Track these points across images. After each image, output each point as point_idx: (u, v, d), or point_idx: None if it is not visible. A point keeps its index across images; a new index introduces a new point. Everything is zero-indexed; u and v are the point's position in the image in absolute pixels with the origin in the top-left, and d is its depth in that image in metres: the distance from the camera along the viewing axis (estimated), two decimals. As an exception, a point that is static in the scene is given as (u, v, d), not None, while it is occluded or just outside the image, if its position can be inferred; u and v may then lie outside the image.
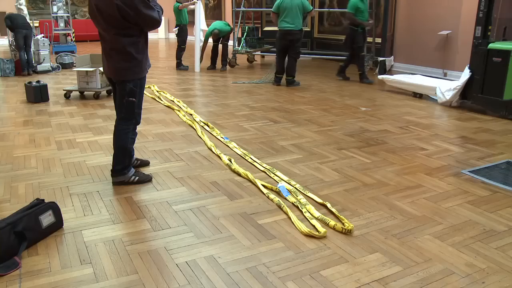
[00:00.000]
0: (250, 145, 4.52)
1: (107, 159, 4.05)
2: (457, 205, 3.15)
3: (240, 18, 10.97)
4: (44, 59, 9.68)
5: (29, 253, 2.52)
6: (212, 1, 18.01)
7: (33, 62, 9.50)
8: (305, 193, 3.31)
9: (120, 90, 3.36)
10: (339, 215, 2.93)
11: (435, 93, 6.55)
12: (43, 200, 2.83)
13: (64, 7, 13.33)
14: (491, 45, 5.82)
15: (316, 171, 3.78)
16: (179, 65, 9.99)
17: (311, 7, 7.89)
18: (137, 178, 3.53)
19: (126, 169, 3.49)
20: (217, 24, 9.64)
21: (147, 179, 3.56)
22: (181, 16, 9.78)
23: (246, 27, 11.02)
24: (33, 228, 2.60)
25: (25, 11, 10.87)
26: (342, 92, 7.35)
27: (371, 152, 4.28)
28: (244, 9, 11.14)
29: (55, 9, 13.14)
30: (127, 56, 3.26)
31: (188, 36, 9.94)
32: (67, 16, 13.34)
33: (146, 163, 3.96)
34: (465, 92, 6.19)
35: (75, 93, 7.07)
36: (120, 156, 3.47)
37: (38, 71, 9.52)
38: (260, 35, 11.70)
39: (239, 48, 10.64)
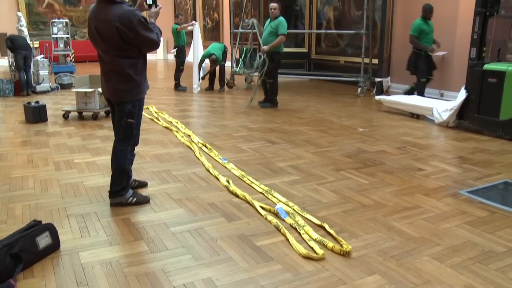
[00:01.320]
0: (248, 166, 4.52)
1: (105, 180, 4.04)
2: (456, 226, 3.14)
3: (238, 40, 11.07)
4: (43, 80, 9.74)
5: (25, 276, 2.50)
6: (210, 23, 18.19)
7: (32, 82, 9.55)
8: (303, 214, 3.30)
9: (119, 111, 3.38)
10: (337, 236, 2.92)
11: (432, 114, 6.59)
12: (40, 221, 2.82)
13: (64, 29, 13.44)
14: (486, 66, 5.88)
15: (314, 193, 3.78)
16: (178, 86, 10.04)
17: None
18: (135, 199, 3.52)
19: (124, 190, 3.49)
20: (215, 47, 9.69)
21: (145, 201, 3.56)
22: (180, 37, 9.88)
23: (244, 48, 11.12)
24: (29, 250, 2.59)
25: (26, 32, 10.98)
26: (339, 113, 7.38)
27: (369, 173, 4.29)
28: (242, 30, 11.24)
29: (55, 30, 13.26)
30: (126, 78, 3.29)
31: (187, 57, 10.03)
32: (67, 37, 13.45)
33: (144, 184, 3.95)
34: (462, 112, 6.23)
35: (74, 114, 7.09)
36: (118, 177, 3.47)
37: (37, 91, 9.57)
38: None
39: (237, 69, 10.71)
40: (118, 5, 3.17)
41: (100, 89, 6.77)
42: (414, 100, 7.18)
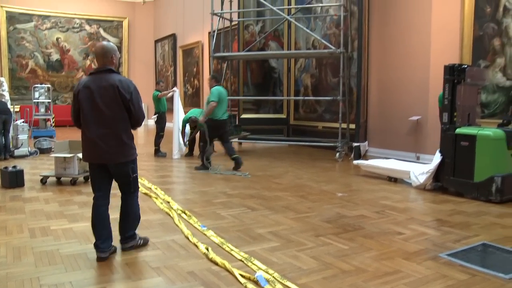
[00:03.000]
0: (227, 233, 4.48)
1: (82, 247, 3.95)
2: (436, 291, 3.13)
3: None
4: (22, 144, 9.69)
5: None
6: (190, 89, 18.56)
7: (11, 146, 9.48)
8: (283, 282, 3.25)
9: (124, 171, 3.80)
10: (318, 303, 2.87)
11: (409, 177, 6.70)
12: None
13: (46, 93, 13.57)
14: (458, 130, 6.10)
15: (294, 259, 3.74)
16: (157, 152, 10.07)
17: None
18: (141, 241, 4.02)
19: (136, 234, 3.99)
20: (194, 112, 9.88)
21: (147, 241, 4.09)
22: (160, 104, 10.04)
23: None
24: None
25: (7, 97, 11.05)
26: (318, 178, 7.45)
27: (349, 238, 4.28)
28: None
29: (36, 95, 13.39)
30: (128, 140, 3.77)
31: (167, 123, 10.15)
32: (48, 102, 13.54)
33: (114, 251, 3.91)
34: (438, 175, 6.35)
35: (52, 179, 7.02)
36: (136, 223, 3.99)
37: (15, 155, 9.49)
38: (237, 123, 11.98)
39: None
40: (116, 74, 3.73)
41: (79, 155, 6.77)
42: (392, 164, 7.31)
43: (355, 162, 7.96)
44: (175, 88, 10.14)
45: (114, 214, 3.91)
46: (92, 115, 3.63)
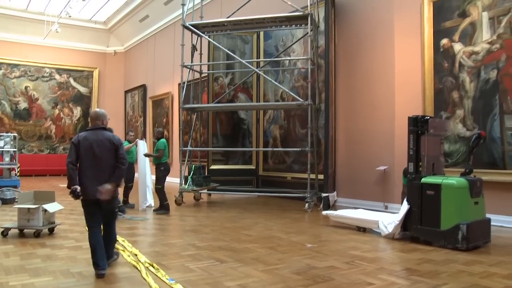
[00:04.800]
0: (196, 286, 4.38)
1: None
2: None
3: (187, 157, 11.25)
4: (-19, 195, 9.37)
5: None
6: (160, 140, 18.48)
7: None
8: (253, 335, 3.18)
9: (110, 206, 4.93)
10: None
11: (378, 226, 6.75)
12: None
13: (12, 142, 13.29)
14: (423, 180, 6.24)
15: (264, 311, 3.67)
16: (126, 203, 9.88)
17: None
18: (116, 256, 5.21)
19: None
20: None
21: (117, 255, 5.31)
22: (129, 155, 9.94)
23: (193, 165, 11.27)
24: None
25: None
26: (287, 229, 7.42)
27: (319, 289, 4.24)
28: (191, 148, 11.48)
29: (1, 143, 13.09)
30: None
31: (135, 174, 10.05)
32: (14, 151, 13.25)
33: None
34: (406, 224, 6.43)
35: (14, 231, 6.76)
36: (114, 245, 5.17)
37: (-25, 207, 9.16)
38: (206, 174, 11.94)
39: (186, 186, 10.75)
40: (108, 131, 4.97)
41: (44, 205, 6.69)
42: (360, 214, 7.38)
43: (324, 212, 7.98)
44: (137, 140, 10.10)
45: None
46: (91, 161, 4.75)
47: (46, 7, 19.01)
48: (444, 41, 8.35)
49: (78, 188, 4.67)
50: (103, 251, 4.72)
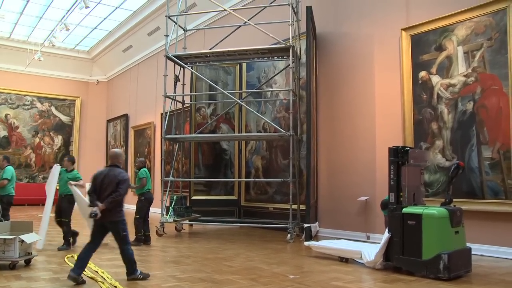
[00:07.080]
0: (176, 318, 4.29)
1: None
2: None
3: (168, 187, 11.17)
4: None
5: None
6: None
7: None
8: None
9: (116, 227, 5.84)
10: None
11: (360, 257, 6.73)
12: None
13: (-6, 173, 12.99)
14: (404, 210, 6.28)
15: None
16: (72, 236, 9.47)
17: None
18: (142, 275, 5.80)
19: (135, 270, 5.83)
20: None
21: (148, 275, 5.86)
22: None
23: (175, 196, 11.17)
24: None
25: None
26: (269, 260, 7.35)
27: (301, 321, 4.18)
28: (173, 179, 11.42)
29: (-22, 172, 12.77)
30: (119, 205, 5.91)
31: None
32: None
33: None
34: (388, 254, 6.42)
35: (-13, 265, 6.57)
36: (131, 264, 5.81)
37: None
38: (188, 204, 11.84)
39: (167, 217, 10.62)
40: (120, 169, 6.00)
41: (21, 236, 6.55)
42: (342, 245, 7.36)
43: (306, 243, 7.93)
44: (55, 165, 8.91)
45: None
46: (100, 190, 5.77)
47: (30, 36, 19.03)
48: (422, 73, 8.55)
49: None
50: (80, 262, 5.62)
